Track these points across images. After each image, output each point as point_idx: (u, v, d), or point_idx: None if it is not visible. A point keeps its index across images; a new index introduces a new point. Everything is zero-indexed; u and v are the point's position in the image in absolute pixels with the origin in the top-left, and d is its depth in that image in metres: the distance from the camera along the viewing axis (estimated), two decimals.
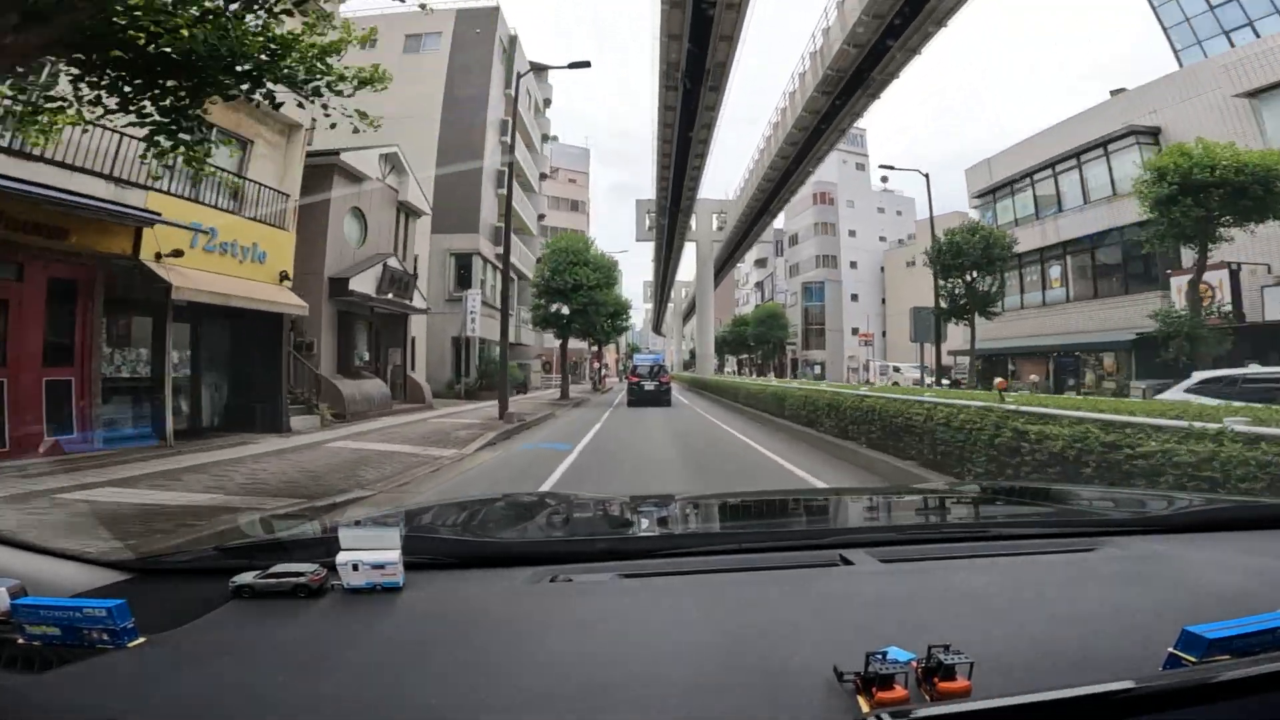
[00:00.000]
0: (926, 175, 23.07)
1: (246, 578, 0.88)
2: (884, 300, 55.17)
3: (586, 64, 15.00)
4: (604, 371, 40.02)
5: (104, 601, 0.71)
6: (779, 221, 52.17)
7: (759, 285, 75.30)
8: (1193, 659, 0.59)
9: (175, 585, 1.00)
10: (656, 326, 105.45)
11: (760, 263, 73.59)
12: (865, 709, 0.56)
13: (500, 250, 25.60)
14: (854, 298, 55.78)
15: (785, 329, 51.84)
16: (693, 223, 42.27)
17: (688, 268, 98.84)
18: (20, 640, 0.72)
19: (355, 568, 0.87)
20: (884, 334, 54.14)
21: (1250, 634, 0.60)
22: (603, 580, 0.97)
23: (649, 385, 20.69)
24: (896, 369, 36.32)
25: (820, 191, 55.63)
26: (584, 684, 0.65)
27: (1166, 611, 0.78)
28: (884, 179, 59.77)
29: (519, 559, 1.03)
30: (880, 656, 0.59)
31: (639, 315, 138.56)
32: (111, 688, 0.66)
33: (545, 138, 38.44)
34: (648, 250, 57.31)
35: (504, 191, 26.27)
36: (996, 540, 1.14)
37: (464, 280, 23.75)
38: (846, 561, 1.00)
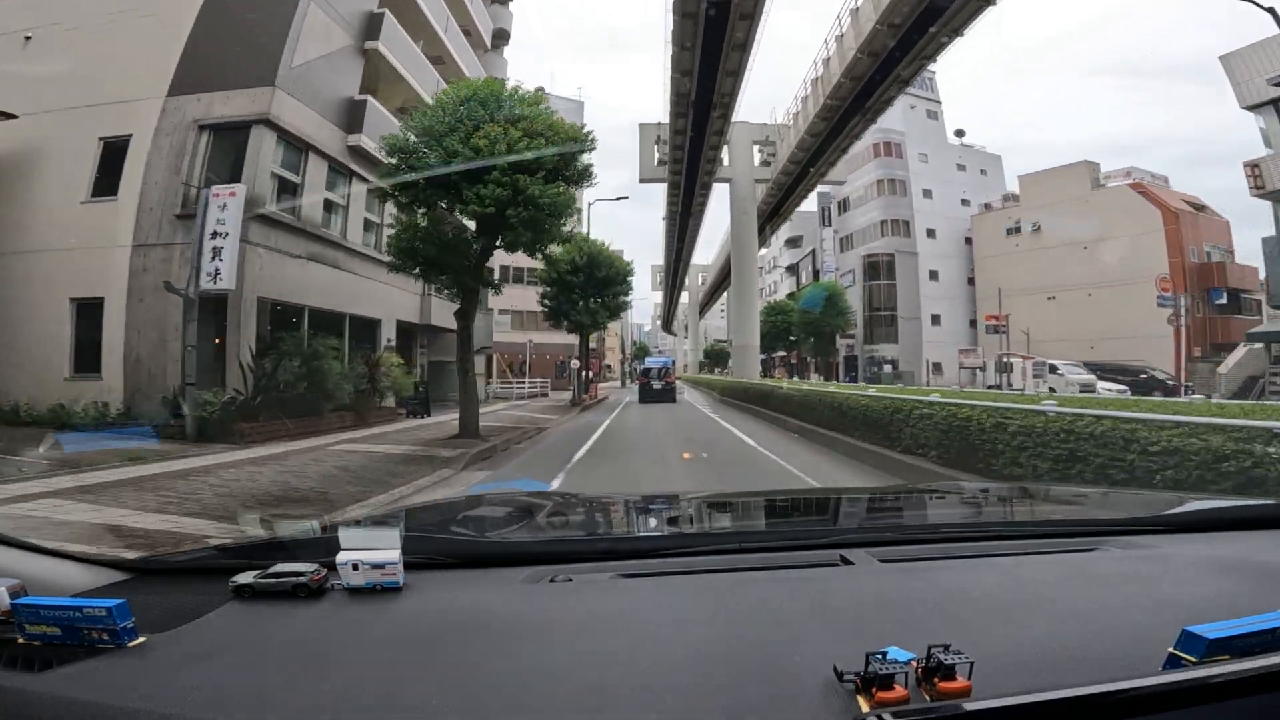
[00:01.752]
0: (1272, 10, 13.71)
1: (246, 577, 0.87)
2: (971, 280, 42.18)
3: None
4: (591, 375, 26.99)
5: (104, 601, 0.71)
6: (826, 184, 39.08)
7: (792, 269, 61.67)
8: (1193, 659, 0.58)
9: (175, 585, 1.00)
10: (666, 323, 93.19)
11: (793, 242, 60.01)
12: (865, 709, 0.56)
13: (356, 140, 12.69)
14: (933, 275, 42.52)
15: (845, 315, 38.77)
16: (724, 155, 28.76)
17: (706, 249, 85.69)
18: (20, 640, 0.72)
19: (355, 567, 0.86)
20: (973, 323, 41.18)
21: (1250, 634, 0.60)
22: (602, 580, 0.96)
23: (657, 384, 23.81)
24: (1053, 369, 23.17)
25: (884, 142, 42.77)
26: (583, 684, 0.65)
27: (1166, 611, 0.77)
28: (960, 132, 46.81)
29: (519, 559, 1.03)
30: (880, 656, 0.59)
31: (644, 312, 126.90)
32: (111, 688, 0.66)
33: None
34: (655, 204, 44.39)
35: (375, 45, 12.93)
36: (996, 540, 1.13)
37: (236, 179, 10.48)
38: (847, 561, 0.99)
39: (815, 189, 32.59)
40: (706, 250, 71.90)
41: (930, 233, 42.99)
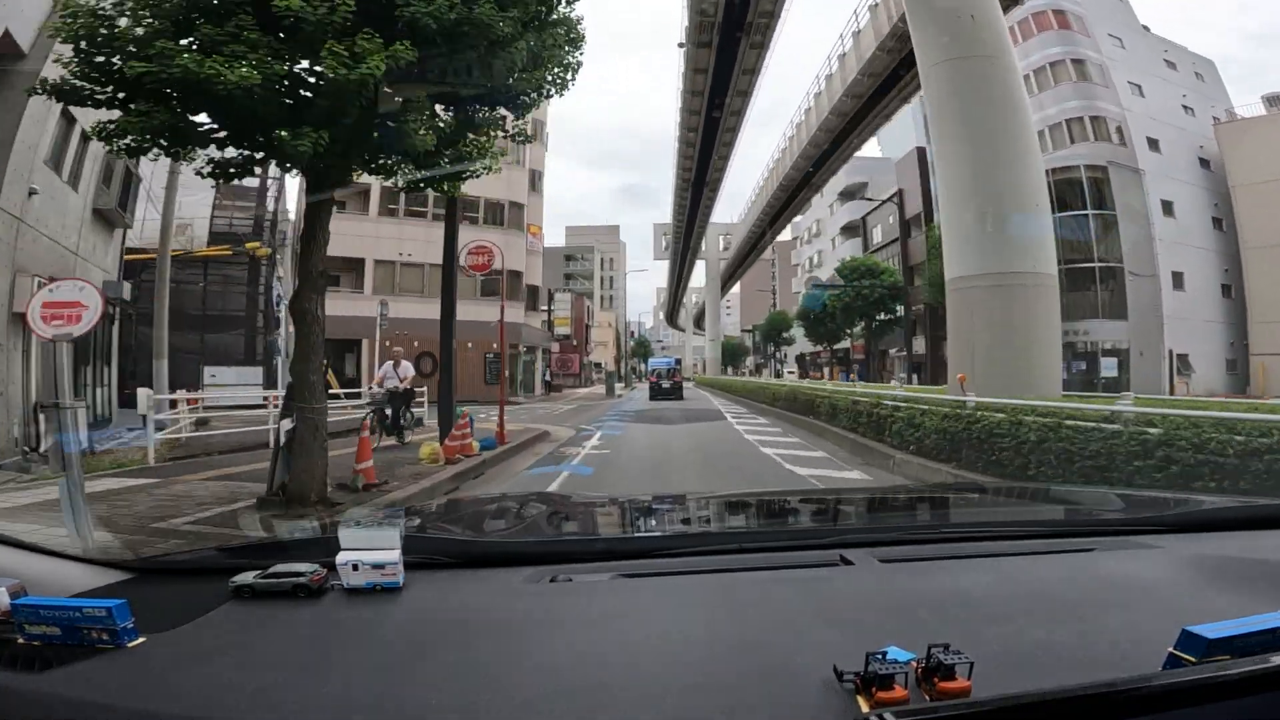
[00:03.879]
0: None
1: (246, 578, 0.86)
2: (1219, 220, 26.04)
3: None
4: (553, 377, 14.41)
5: (104, 601, 0.71)
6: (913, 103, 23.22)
7: (852, 229, 44.63)
8: (1193, 659, 0.58)
9: (175, 585, 0.99)
10: (671, 315, 79.72)
11: (849, 194, 43.28)
12: (865, 709, 0.56)
13: None
14: (1166, 209, 25.84)
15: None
16: None
17: (727, 210, 71.04)
18: (20, 640, 0.72)
19: (355, 568, 0.86)
20: (1227, 289, 26.78)
21: (1250, 634, 0.59)
22: (602, 580, 0.95)
23: (665, 384, 26.65)
24: None
25: (1054, 9, 27.15)
26: (583, 684, 0.65)
27: (1166, 611, 0.77)
28: (1145, 28, 30.94)
29: (519, 559, 1.02)
30: (880, 656, 0.58)
31: (642, 306, 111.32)
32: (111, 688, 0.66)
33: None
34: (658, 199, 28.81)
35: None
36: (996, 540, 1.12)
37: None
38: (847, 561, 0.99)
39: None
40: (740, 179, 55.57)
41: (1153, 144, 26.14)
